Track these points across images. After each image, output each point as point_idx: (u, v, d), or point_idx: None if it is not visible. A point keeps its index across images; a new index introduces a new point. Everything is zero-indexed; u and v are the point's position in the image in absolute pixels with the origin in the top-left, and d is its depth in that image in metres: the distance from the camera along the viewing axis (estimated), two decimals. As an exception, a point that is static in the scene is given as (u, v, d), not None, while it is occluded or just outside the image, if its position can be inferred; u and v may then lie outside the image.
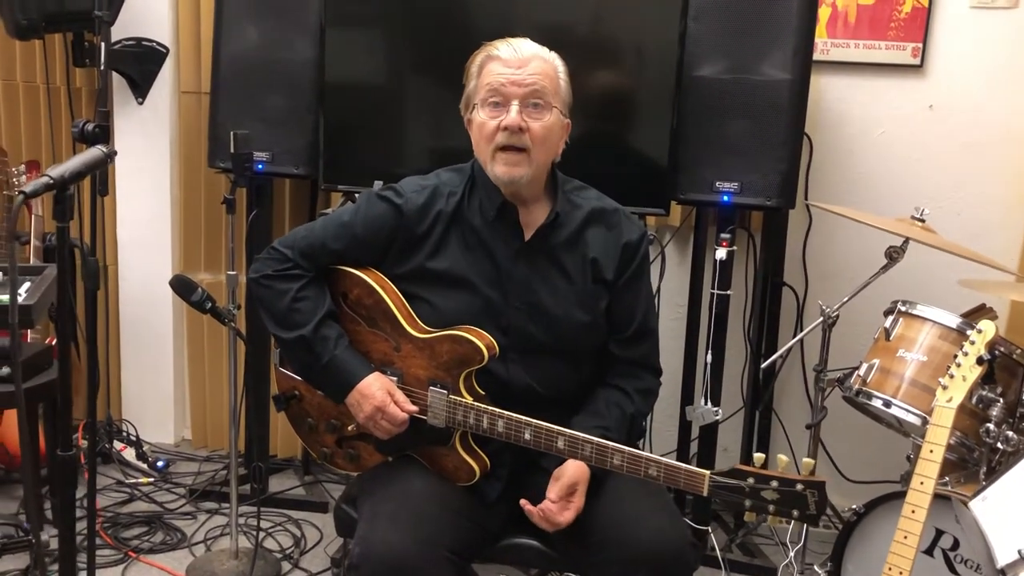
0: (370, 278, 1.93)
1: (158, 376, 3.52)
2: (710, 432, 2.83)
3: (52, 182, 1.63)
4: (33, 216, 3.08)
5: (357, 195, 2.62)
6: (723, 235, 2.69)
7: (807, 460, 1.83)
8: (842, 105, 3.00)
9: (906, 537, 1.87)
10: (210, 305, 2.43)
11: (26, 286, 2.46)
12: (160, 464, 3.32)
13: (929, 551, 2.19)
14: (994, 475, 1.97)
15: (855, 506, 2.29)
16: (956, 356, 1.96)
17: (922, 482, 1.87)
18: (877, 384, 2.33)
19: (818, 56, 2.82)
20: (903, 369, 2.31)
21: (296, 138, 2.88)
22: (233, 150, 2.51)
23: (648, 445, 3.07)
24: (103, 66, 2.81)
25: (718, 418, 2.78)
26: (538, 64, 1.86)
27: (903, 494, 1.91)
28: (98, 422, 3.30)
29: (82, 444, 3.07)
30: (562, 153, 1.96)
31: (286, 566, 2.78)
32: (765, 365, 2.78)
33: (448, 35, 2.67)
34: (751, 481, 1.66)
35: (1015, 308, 2.92)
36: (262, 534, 2.88)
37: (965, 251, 2.44)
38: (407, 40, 2.74)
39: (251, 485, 3.06)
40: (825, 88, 2.99)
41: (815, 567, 2.47)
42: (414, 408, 1.87)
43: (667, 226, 3.13)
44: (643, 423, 2.10)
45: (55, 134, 3.46)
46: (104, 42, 2.82)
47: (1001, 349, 2.20)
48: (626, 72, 2.66)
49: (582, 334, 1.94)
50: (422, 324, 1.90)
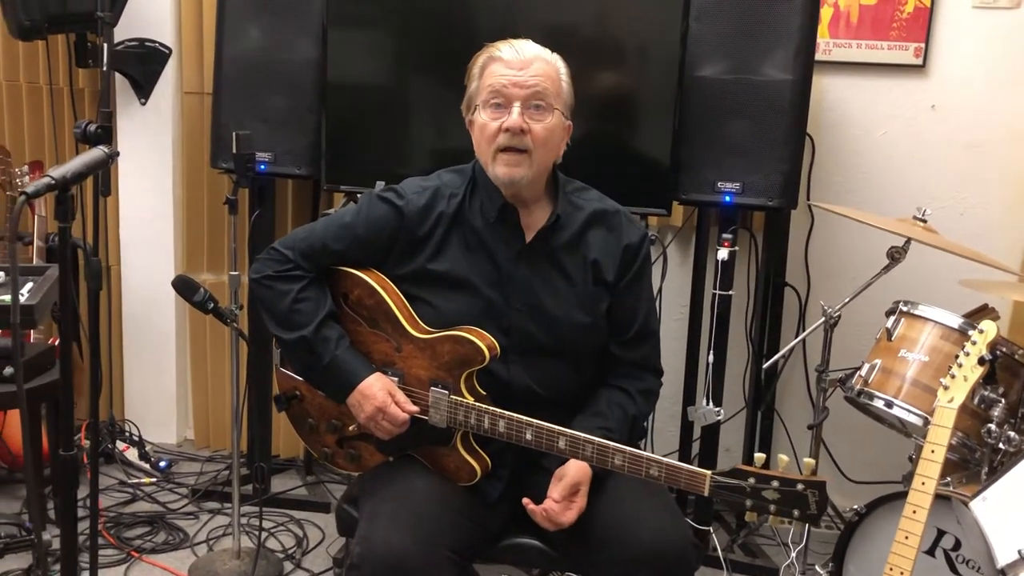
0: (371, 279, 1.93)
1: (160, 376, 3.53)
2: (712, 432, 2.83)
3: (54, 182, 1.64)
4: (36, 216, 3.08)
5: (359, 195, 2.62)
6: (725, 235, 2.68)
7: (808, 460, 1.83)
8: (844, 105, 3.00)
9: (907, 537, 1.87)
10: (212, 305, 2.44)
11: (28, 286, 2.47)
12: (162, 464, 3.32)
13: (930, 551, 2.19)
14: (994, 475, 1.97)
15: (856, 506, 2.29)
16: (958, 356, 1.96)
17: (923, 482, 1.87)
18: (879, 384, 2.33)
19: (820, 56, 2.82)
20: (905, 369, 2.31)
21: (298, 138, 2.88)
22: (235, 150, 2.51)
23: (650, 445, 3.06)
24: (106, 67, 2.81)
25: (720, 418, 2.78)
26: (540, 66, 1.86)
27: (904, 494, 1.91)
28: (100, 422, 3.31)
29: (84, 444, 3.07)
30: (564, 153, 1.95)
31: (288, 566, 2.78)
32: (767, 365, 2.79)
33: (450, 36, 2.67)
34: (752, 481, 1.66)
35: (1017, 308, 2.92)
36: (264, 534, 2.88)
37: (967, 251, 2.44)
38: (409, 41, 2.74)
39: (253, 485, 3.06)
40: (827, 88, 2.99)
41: (817, 567, 2.47)
42: (415, 408, 1.87)
43: (669, 226, 3.13)
44: (644, 424, 2.10)
45: (58, 135, 3.46)
46: (107, 43, 2.82)
47: (1003, 349, 2.20)
48: (628, 72, 2.66)
49: (583, 335, 1.94)
50: (423, 324, 1.90)
